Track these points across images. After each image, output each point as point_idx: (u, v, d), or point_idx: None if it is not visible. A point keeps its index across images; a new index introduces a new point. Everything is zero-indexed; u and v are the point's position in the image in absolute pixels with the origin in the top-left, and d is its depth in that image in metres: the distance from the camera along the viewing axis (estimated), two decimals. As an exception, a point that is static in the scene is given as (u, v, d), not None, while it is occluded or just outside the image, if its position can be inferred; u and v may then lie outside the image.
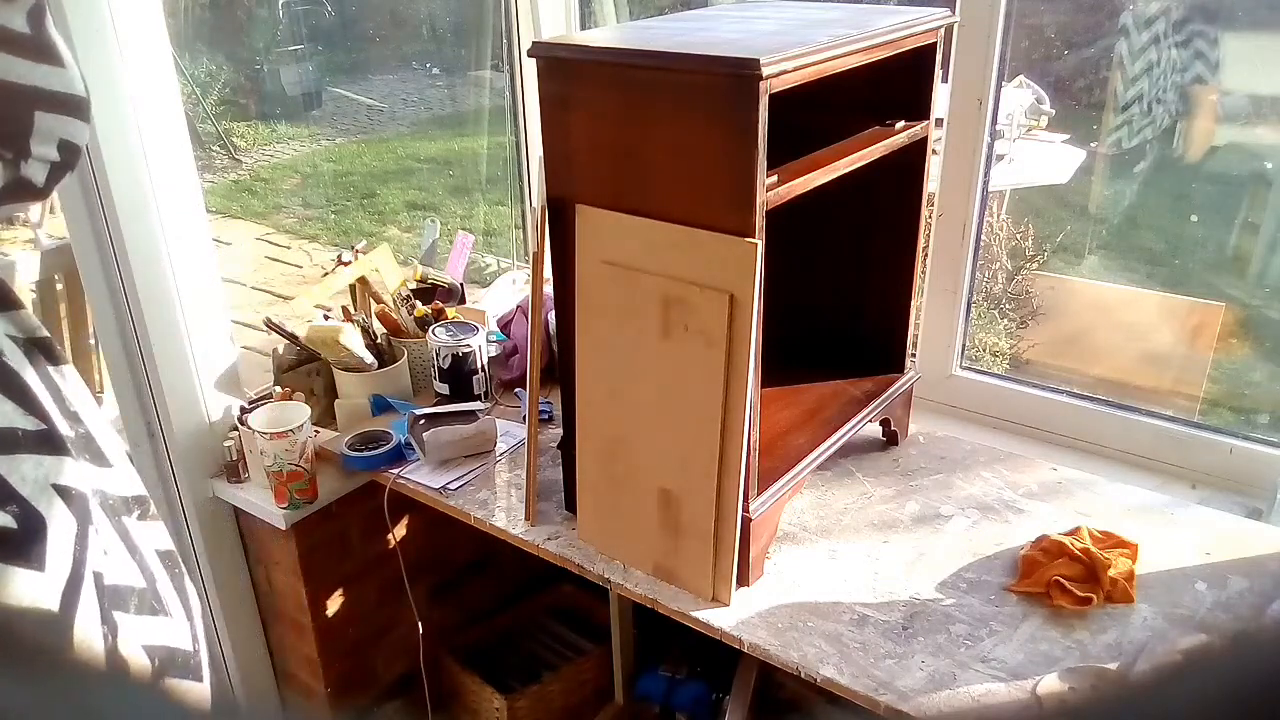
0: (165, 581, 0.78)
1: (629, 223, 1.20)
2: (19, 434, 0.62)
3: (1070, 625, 1.23)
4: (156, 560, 0.78)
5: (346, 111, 5.45)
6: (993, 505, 1.47)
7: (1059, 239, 2.98)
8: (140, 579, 0.73)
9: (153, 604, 0.74)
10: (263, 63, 5.02)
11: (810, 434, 1.44)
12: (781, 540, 1.41)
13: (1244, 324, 2.34)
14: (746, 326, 1.15)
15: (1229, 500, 1.50)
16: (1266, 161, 2.37)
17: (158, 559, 0.78)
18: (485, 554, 2.00)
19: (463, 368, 1.78)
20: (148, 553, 0.77)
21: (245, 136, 5.29)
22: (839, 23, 1.26)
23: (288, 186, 5.09)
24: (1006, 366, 2.66)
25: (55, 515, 0.62)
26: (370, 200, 4.87)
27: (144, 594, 0.73)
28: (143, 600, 0.73)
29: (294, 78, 5.10)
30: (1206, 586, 1.29)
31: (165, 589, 0.77)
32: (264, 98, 5.26)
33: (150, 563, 0.76)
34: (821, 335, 1.68)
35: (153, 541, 0.79)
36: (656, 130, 1.16)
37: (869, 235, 1.57)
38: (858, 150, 1.29)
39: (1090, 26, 2.80)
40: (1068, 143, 2.93)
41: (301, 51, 4.94)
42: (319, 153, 5.38)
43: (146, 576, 0.75)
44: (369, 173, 5.14)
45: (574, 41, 1.30)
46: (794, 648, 1.22)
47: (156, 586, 0.76)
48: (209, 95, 4.88)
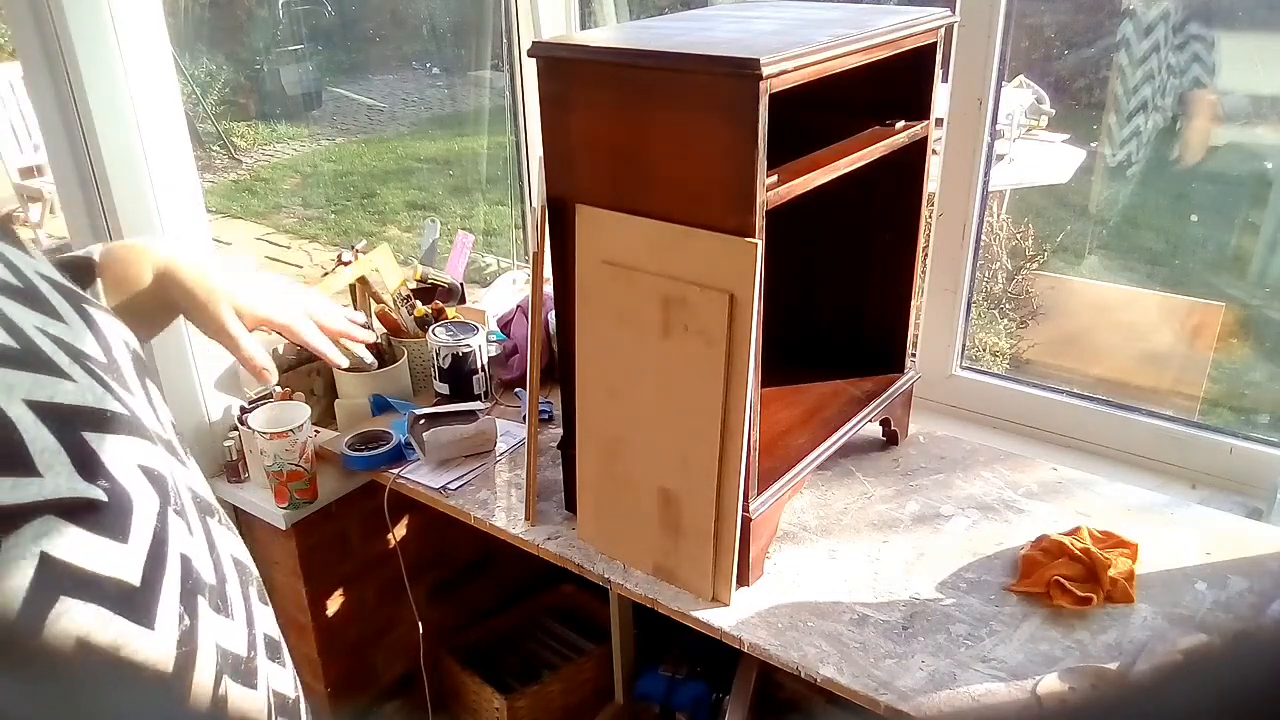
0: (235, 586, 0.81)
1: (629, 223, 1.20)
2: (108, 415, 0.65)
3: (1070, 625, 1.23)
4: (230, 564, 0.81)
5: (346, 111, 5.45)
6: (993, 505, 1.47)
7: (1059, 239, 2.98)
8: (213, 576, 0.77)
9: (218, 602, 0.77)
10: (263, 63, 5.02)
11: (810, 434, 1.44)
12: (781, 540, 1.41)
13: (1244, 324, 2.34)
14: (746, 326, 1.15)
15: (1229, 500, 1.50)
16: (1266, 161, 2.37)
17: (231, 563, 0.82)
18: (485, 554, 2.00)
19: (463, 368, 1.78)
20: (223, 554, 0.81)
21: (245, 136, 5.30)
22: (839, 23, 1.26)
23: (288, 186, 5.09)
24: (1006, 366, 2.66)
25: (140, 493, 0.66)
26: (370, 200, 4.87)
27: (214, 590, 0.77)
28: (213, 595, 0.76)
29: (294, 78, 5.10)
30: (1206, 586, 1.29)
31: (233, 592, 0.80)
32: (264, 98, 5.26)
33: (225, 564, 0.80)
34: (821, 335, 1.68)
35: (228, 547, 0.82)
36: (656, 130, 1.16)
37: (869, 235, 1.57)
38: (858, 150, 1.29)
39: (1090, 26, 2.80)
40: (1068, 143, 2.93)
41: (301, 51, 4.94)
42: (319, 152, 5.38)
43: (219, 576, 0.78)
44: (369, 172, 5.14)
45: (574, 41, 1.30)
46: (794, 648, 1.22)
47: (225, 588, 0.79)
48: (209, 95, 4.88)
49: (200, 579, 0.74)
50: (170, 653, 0.70)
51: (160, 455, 0.71)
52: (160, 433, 0.74)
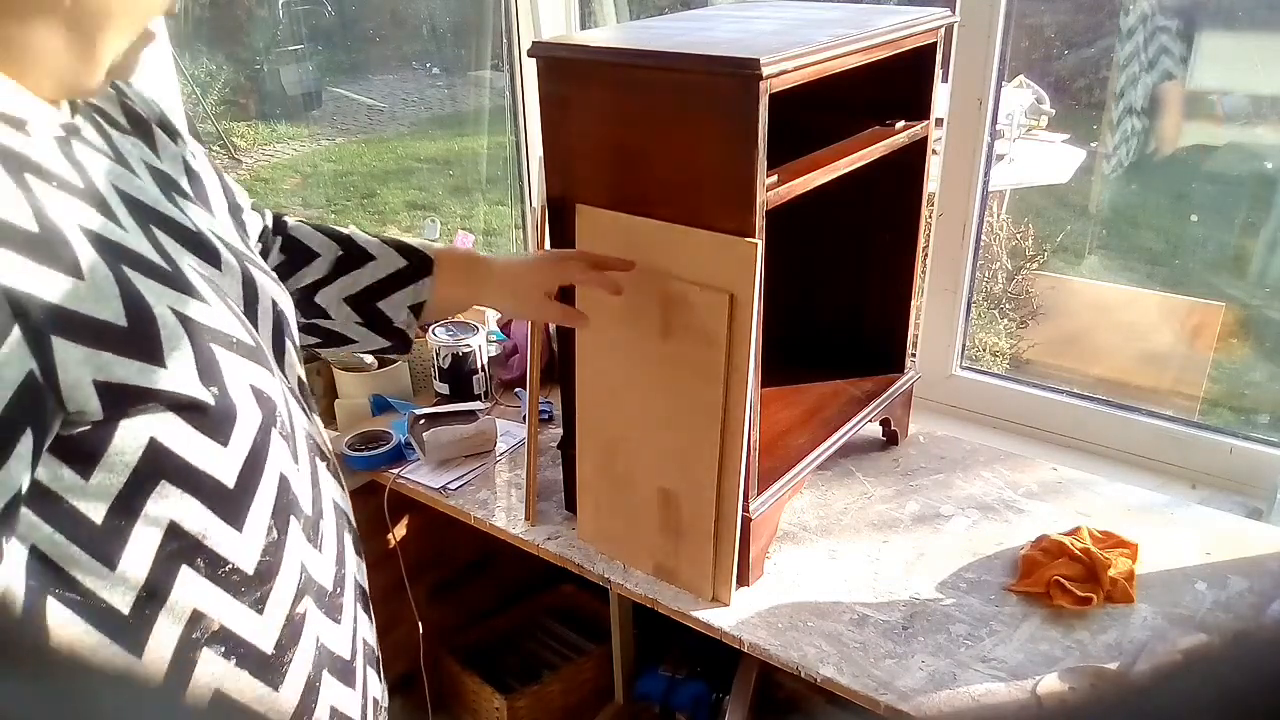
0: (331, 524, 0.88)
1: (629, 223, 1.20)
2: (234, 339, 0.74)
3: (1070, 625, 1.23)
4: (331, 506, 0.88)
5: (346, 111, 5.44)
6: (993, 505, 1.47)
7: (1059, 239, 2.98)
8: (311, 508, 0.84)
9: (311, 532, 0.84)
10: (263, 63, 5.02)
11: (810, 434, 1.44)
12: (781, 540, 1.41)
13: (1244, 324, 2.34)
14: (746, 326, 1.15)
15: (1229, 500, 1.50)
16: (1266, 161, 2.37)
17: (332, 506, 0.89)
18: (485, 554, 2.00)
19: (463, 367, 1.78)
20: (326, 495, 0.87)
21: (245, 136, 5.29)
22: (839, 23, 1.26)
23: (288, 186, 5.09)
24: (1006, 366, 2.66)
25: (246, 407, 0.74)
26: (370, 200, 4.87)
27: (308, 520, 0.83)
28: (307, 524, 0.83)
29: (294, 78, 5.09)
30: (1206, 586, 1.29)
31: (328, 529, 0.87)
32: (264, 98, 5.25)
33: (325, 503, 0.87)
34: (821, 335, 1.68)
35: (332, 491, 0.89)
36: (656, 130, 1.16)
37: (869, 235, 1.57)
38: (858, 150, 1.29)
39: (1090, 26, 2.80)
40: (1068, 143, 2.93)
41: (301, 51, 4.94)
42: (319, 152, 5.38)
43: (316, 510, 0.85)
44: (369, 172, 5.14)
45: (574, 41, 1.30)
46: (794, 648, 1.22)
47: (320, 524, 0.86)
48: (209, 95, 4.88)
49: (296, 503, 0.81)
50: (254, 558, 0.77)
51: (275, 383, 0.79)
52: (284, 378, 0.83)
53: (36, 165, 0.65)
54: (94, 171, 0.71)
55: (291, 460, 0.80)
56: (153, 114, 0.87)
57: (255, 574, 0.77)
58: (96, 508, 0.68)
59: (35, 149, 0.66)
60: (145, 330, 0.66)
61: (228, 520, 0.74)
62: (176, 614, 0.73)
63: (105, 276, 0.65)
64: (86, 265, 0.64)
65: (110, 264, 0.66)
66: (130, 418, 0.66)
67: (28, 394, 0.61)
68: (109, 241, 0.67)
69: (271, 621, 0.79)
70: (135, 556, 0.70)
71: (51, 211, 0.63)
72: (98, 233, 0.67)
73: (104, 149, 0.75)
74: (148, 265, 0.69)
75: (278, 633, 0.79)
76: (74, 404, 0.63)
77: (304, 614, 0.81)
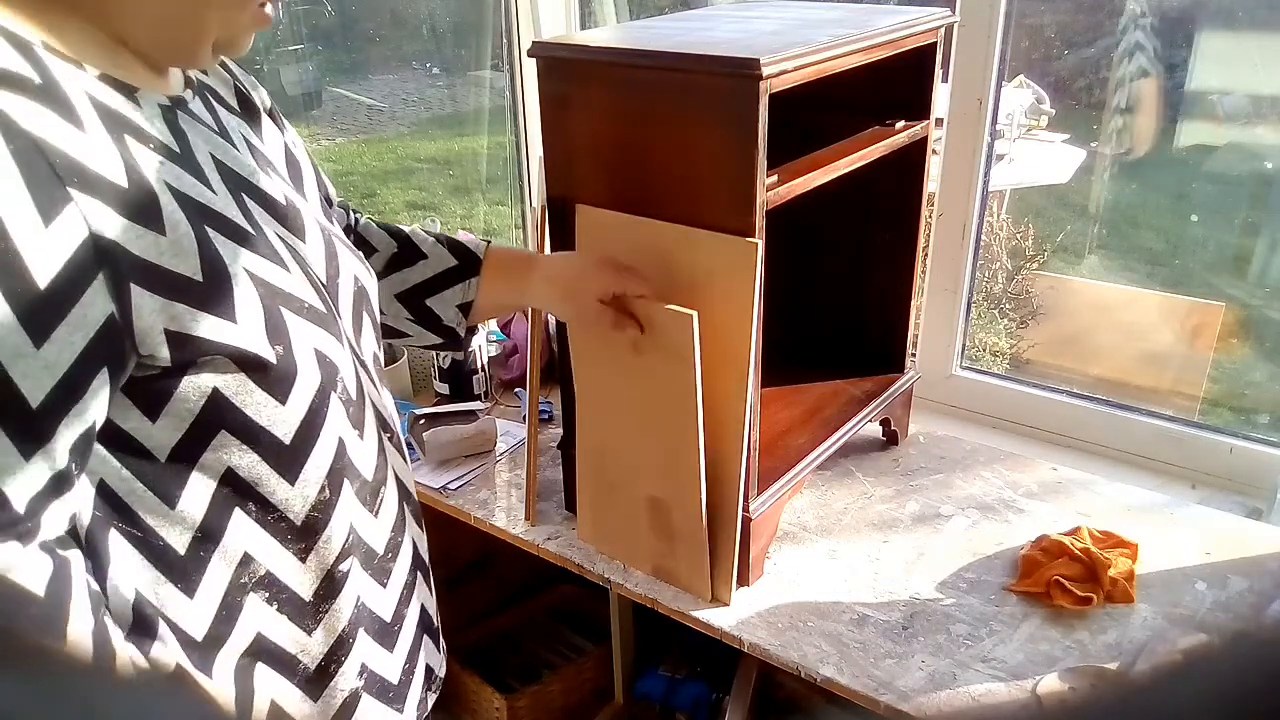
0: (391, 493, 0.91)
1: (629, 223, 1.20)
2: (307, 305, 0.78)
3: (1070, 625, 1.23)
4: (392, 478, 0.91)
5: (346, 111, 5.44)
6: (993, 505, 1.47)
7: (1059, 239, 2.98)
8: (371, 473, 0.87)
9: (368, 497, 0.87)
10: (263, 63, 5.02)
11: (810, 434, 1.44)
12: (781, 540, 1.41)
13: (1244, 324, 2.33)
14: (747, 326, 1.14)
15: (1229, 500, 1.50)
16: (1266, 161, 2.37)
17: (394, 477, 0.92)
18: (485, 554, 2.00)
19: (463, 367, 1.78)
20: (389, 465, 0.90)
21: (245, 136, 5.29)
22: (839, 23, 1.26)
23: (288, 186, 5.09)
24: (1006, 366, 2.66)
25: (307, 368, 0.77)
26: (370, 200, 4.87)
27: (366, 485, 0.87)
28: (363, 489, 0.86)
29: (294, 78, 5.09)
30: (1206, 586, 1.29)
31: (388, 496, 0.90)
32: (264, 98, 5.25)
33: (386, 473, 0.90)
34: (821, 335, 1.68)
35: (395, 463, 0.92)
36: (656, 130, 1.16)
37: (869, 235, 1.57)
38: (858, 150, 1.29)
39: (1090, 26, 2.80)
40: (1068, 143, 2.93)
41: (301, 51, 4.94)
42: (319, 152, 5.38)
43: (376, 477, 0.88)
44: (369, 172, 5.14)
45: (574, 41, 1.30)
46: (794, 647, 1.22)
47: (382, 490, 0.89)
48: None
49: (353, 467, 0.84)
50: (301, 512, 0.81)
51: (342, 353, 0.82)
52: (357, 350, 0.87)
53: (136, 127, 0.70)
54: (194, 140, 0.75)
55: (351, 426, 0.83)
56: (263, 103, 0.92)
57: (303, 525, 0.81)
58: (160, 449, 0.72)
59: (139, 114, 0.71)
60: (220, 287, 0.70)
61: (281, 473, 0.78)
62: (229, 557, 0.78)
63: (187, 234, 0.69)
64: (170, 222, 0.68)
65: (194, 223, 0.70)
66: (197, 368, 0.70)
67: (107, 335, 0.65)
68: (196, 203, 0.71)
69: (312, 572, 0.83)
70: (193, 498, 0.75)
71: (145, 169, 0.68)
72: (186, 193, 0.71)
73: (209, 123, 0.80)
74: (231, 228, 0.74)
75: (316, 583, 0.83)
76: (146, 349, 0.67)
77: (347, 572, 0.85)
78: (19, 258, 0.60)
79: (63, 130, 0.64)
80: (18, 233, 0.60)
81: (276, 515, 0.79)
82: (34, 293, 0.61)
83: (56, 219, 0.62)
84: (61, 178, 0.62)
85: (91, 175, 0.64)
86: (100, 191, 0.64)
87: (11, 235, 0.60)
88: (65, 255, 0.62)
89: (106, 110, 0.68)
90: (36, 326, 0.62)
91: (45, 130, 0.62)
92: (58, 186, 0.62)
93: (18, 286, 0.60)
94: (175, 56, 0.75)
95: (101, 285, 0.64)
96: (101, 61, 0.70)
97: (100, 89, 0.69)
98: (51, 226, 0.61)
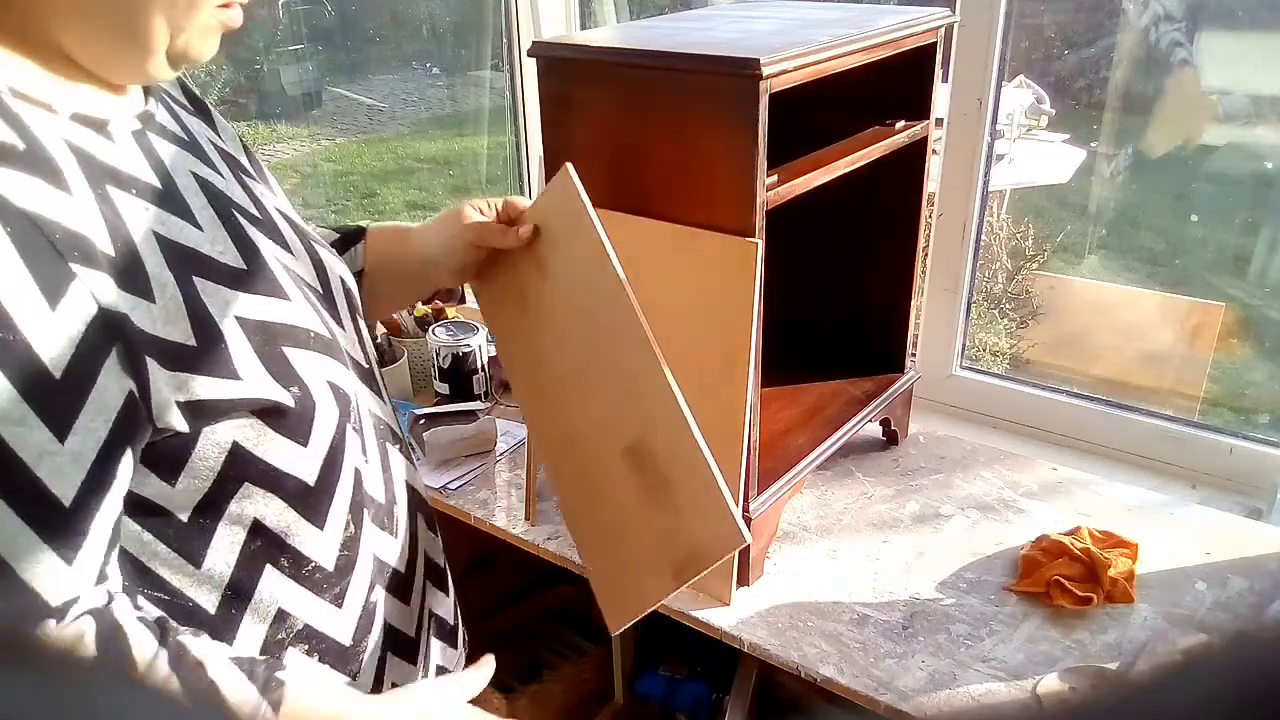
0: (403, 508, 0.89)
1: (629, 223, 1.20)
2: (311, 334, 0.75)
3: (1070, 625, 1.23)
4: (403, 488, 0.90)
5: (346, 111, 5.44)
6: (993, 505, 1.47)
7: (1059, 239, 2.98)
8: (383, 495, 0.86)
9: (384, 520, 0.86)
10: (263, 63, 5.02)
11: (810, 434, 1.44)
12: (781, 540, 1.41)
13: (1244, 324, 2.34)
14: (746, 326, 1.14)
15: (1229, 500, 1.50)
16: (1266, 161, 2.37)
17: (404, 488, 0.90)
18: (485, 554, 2.00)
19: (463, 367, 1.78)
20: (397, 478, 0.89)
21: (245, 136, 5.28)
22: (839, 22, 1.26)
23: (287, 186, 5.08)
24: (1006, 366, 2.66)
25: (324, 404, 0.75)
26: (370, 200, 4.87)
27: (381, 508, 0.85)
28: (379, 513, 0.85)
29: (294, 78, 5.09)
30: (1206, 586, 1.29)
31: (401, 514, 0.89)
32: (264, 98, 5.25)
33: (397, 487, 0.88)
34: (821, 335, 1.68)
35: (403, 473, 0.91)
36: (656, 130, 1.16)
37: (869, 235, 1.57)
38: (858, 150, 1.29)
39: (1090, 26, 2.80)
40: (1068, 143, 2.93)
41: (301, 51, 4.94)
42: (319, 152, 5.38)
43: (388, 496, 0.87)
44: (369, 172, 5.14)
45: (574, 41, 1.30)
46: (794, 647, 1.22)
47: (394, 509, 0.88)
48: (209, 95, 4.88)
49: (368, 495, 0.82)
50: (334, 554, 0.79)
51: (349, 377, 0.79)
52: (360, 361, 0.85)
53: (116, 172, 0.66)
54: (174, 164, 0.72)
55: (361, 454, 0.81)
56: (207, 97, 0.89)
57: (335, 569, 0.79)
58: (182, 509, 0.70)
59: (115, 152, 0.67)
60: (215, 347, 0.67)
61: (309, 518, 0.76)
62: (261, 613, 0.75)
63: (174, 296, 0.66)
64: (158, 285, 0.65)
65: (180, 278, 0.67)
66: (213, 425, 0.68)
67: (128, 414, 0.63)
68: (182, 249, 0.68)
69: (350, 615, 0.81)
70: (219, 555, 0.72)
71: (130, 226, 0.65)
72: (172, 240, 0.68)
73: (178, 132, 0.77)
74: (222, 271, 0.70)
75: (354, 625, 0.82)
76: (162, 421, 0.65)
77: (376, 602, 0.84)
78: (30, 349, 0.58)
79: (54, 199, 0.61)
80: (25, 321, 0.57)
81: (310, 566, 0.77)
82: (50, 383, 0.58)
83: (63, 299, 0.59)
84: (63, 254, 0.59)
85: (89, 245, 0.61)
86: (98, 262, 0.61)
87: (19, 326, 0.57)
88: (76, 336, 0.59)
89: (86, 158, 0.65)
90: (58, 419, 0.59)
91: (39, 204, 0.59)
92: (60, 263, 0.59)
93: (33, 379, 0.58)
94: (125, 71, 0.71)
95: (115, 361, 0.61)
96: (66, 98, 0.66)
97: (75, 132, 0.65)
98: (59, 308, 0.59)
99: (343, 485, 0.78)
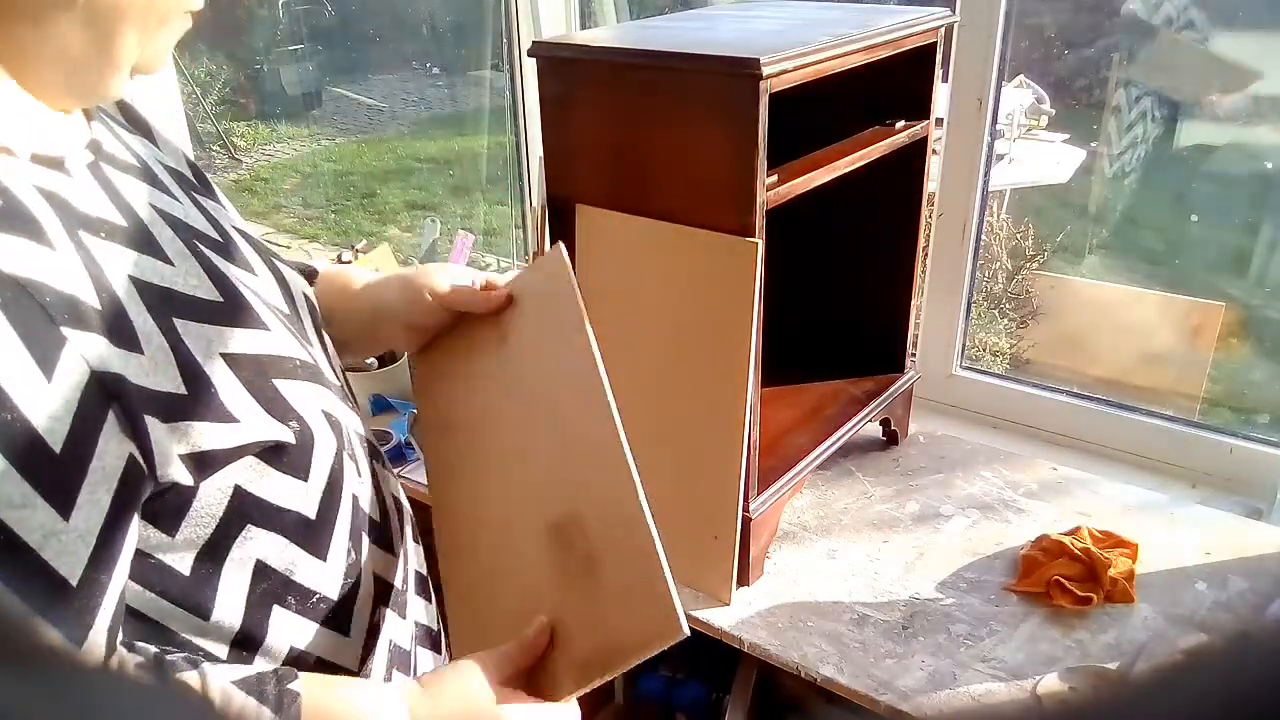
0: (395, 522, 0.88)
1: (629, 223, 1.20)
2: (296, 363, 0.73)
3: (1070, 625, 1.23)
4: (391, 503, 0.89)
5: (346, 111, 5.44)
6: (993, 505, 1.47)
7: (1059, 239, 2.98)
8: (378, 513, 0.85)
9: (380, 538, 0.85)
10: (263, 63, 5.02)
11: (810, 434, 1.44)
12: (781, 540, 1.41)
13: (1244, 324, 2.34)
14: (746, 326, 1.15)
15: (1229, 500, 1.50)
16: (1266, 161, 2.37)
17: (393, 502, 0.89)
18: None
19: (463, 367, 1.77)
20: (386, 494, 0.88)
21: (245, 136, 5.29)
22: (839, 22, 1.26)
23: (288, 186, 5.09)
24: (1006, 366, 2.66)
25: (322, 435, 0.73)
26: (370, 200, 4.87)
27: (376, 526, 0.84)
28: (375, 532, 0.84)
29: (294, 77, 5.10)
30: (1206, 586, 1.29)
31: (394, 528, 0.88)
32: (264, 98, 5.25)
33: (387, 503, 0.87)
34: (821, 335, 1.68)
35: (390, 487, 0.90)
36: (656, 130, 1.16)
37: (869, 235, 1.57)
38: (858, 150, 1.29)
39: (1090, 26, 2.80)
40: (1068, 143, 2.93)
41: (301, 51, 4.94)
42: (319, 152, 5.38)
43: (381, 513, 0.86)
44: (369, 172, 5.14)
45: (574, 41, 1.30)
46: (794, 647, 1.22)
47: (388, 524, 0.87)
48: (209, 95, 4.87)
49: (365, 516, 0.81)
50: (338, 584, 0.78)
51: (336, 402, 0.77)
52: (334, 380, 0.81)
53: (83, 216, 0.63)
54: (132, 196, 0.68)
55: (357, 478, 0.79)
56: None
57: (340, 600, 0.78)
58: (183, 559, 0.67)
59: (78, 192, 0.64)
60: (205, 391, 0.65)
61: (311, 551, 0.74)
62: (273, 655, 0.74)
63: (160, 344, 0.63)
64: (143, 334, 0.62)
65: (162, 323, 0.64)
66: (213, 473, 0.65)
67: (130, 479, 0.60)
68: (159, 290, 0.65)
69: (356, 640, 0.80)
70: (227, 603, 0.70)
71: (109, 273, 0.62)
72: (148, 283, 0.64)
73: (129, 159, 0.72)
74: (201, 308, 0.67)
75: (361, 649, 0.81)
76: (166, 477, 0.62)
77: (379, 622, 0.83)
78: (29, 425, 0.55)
79: (40, 259, 0.57)
80: (22, 398, 0.55)
81: (315, 598, 0.75)
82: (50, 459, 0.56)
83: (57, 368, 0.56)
84: (54, 318, 0.57)
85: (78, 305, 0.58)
86: (88, 322, 0.58)
87: (17, 403, 0.55)
88: (73, 405, 0.57)
89: (60, 204, 0.61)
90: (61, 496, 0.57)
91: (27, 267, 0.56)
92: (52, 329, 0.56)
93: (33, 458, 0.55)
94: (90, 93, 0.66)
95: (114, 425, 0.59)
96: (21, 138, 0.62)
97: (39, 175, 0.61)
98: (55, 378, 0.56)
99: (342, 514, 0.76)
